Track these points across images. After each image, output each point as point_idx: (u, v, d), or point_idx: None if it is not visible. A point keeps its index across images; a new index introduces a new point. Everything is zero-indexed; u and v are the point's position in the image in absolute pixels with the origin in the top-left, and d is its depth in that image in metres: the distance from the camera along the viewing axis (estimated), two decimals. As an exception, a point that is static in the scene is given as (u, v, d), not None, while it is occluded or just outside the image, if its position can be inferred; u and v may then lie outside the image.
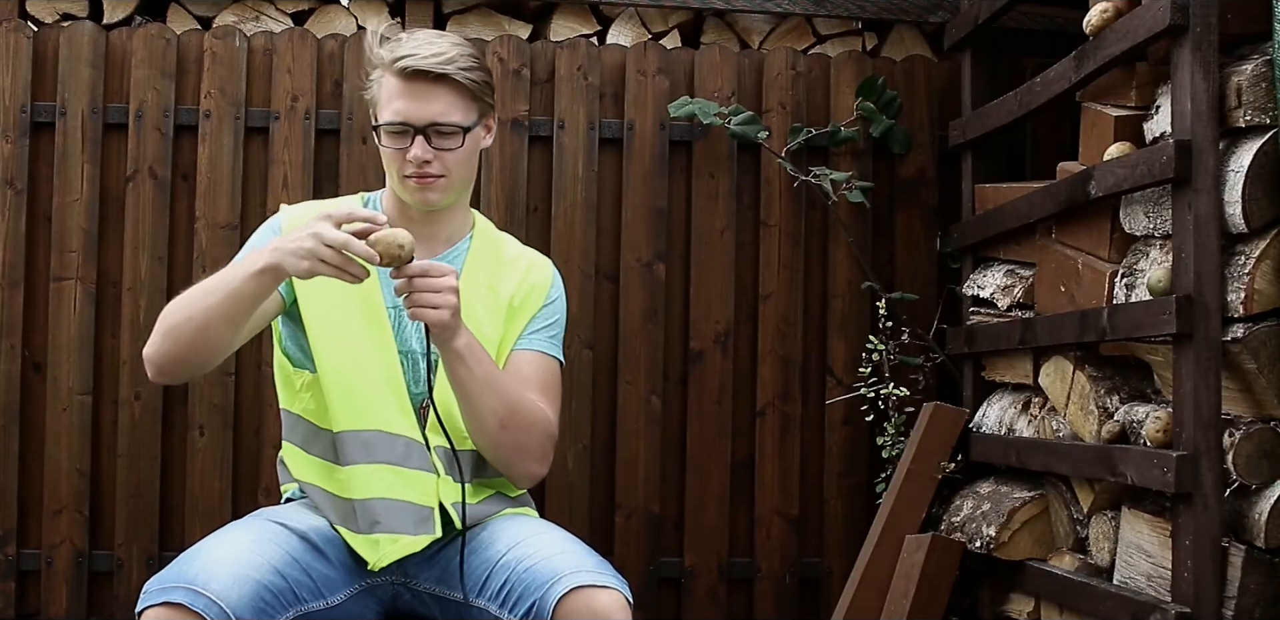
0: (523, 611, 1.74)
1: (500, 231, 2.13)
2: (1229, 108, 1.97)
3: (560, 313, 2.07)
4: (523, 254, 2.09)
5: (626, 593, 1.72)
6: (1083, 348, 2.34)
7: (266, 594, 1.69)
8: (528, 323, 2.01)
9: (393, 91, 1.89)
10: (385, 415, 1.93)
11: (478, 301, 1.97)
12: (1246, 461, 1.93)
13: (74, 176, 2.78)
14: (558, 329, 2.06)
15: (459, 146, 1.89)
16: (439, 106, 1.87)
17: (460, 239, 2.02)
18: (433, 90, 1.87)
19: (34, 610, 2.75)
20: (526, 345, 2.01)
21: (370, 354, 1.93)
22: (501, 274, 2.02)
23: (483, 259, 2.02)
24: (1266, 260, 1.93)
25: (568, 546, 1.81)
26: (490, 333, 1.97)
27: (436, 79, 1.86)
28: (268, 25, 2.97)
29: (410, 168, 1.88)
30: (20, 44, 2.79)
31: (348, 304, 1.94)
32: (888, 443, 2.85)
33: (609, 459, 2.89)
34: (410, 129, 1.87)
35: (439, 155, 1.89)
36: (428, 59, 1.85)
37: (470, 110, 1.90)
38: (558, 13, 3.06)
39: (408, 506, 1.90)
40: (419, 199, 1.93)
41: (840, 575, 2.85)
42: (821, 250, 2.98)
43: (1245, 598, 1.92)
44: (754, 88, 2.98)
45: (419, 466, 1.92)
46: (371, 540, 1.88)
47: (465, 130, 1.89)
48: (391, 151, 1.90)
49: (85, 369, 2.76)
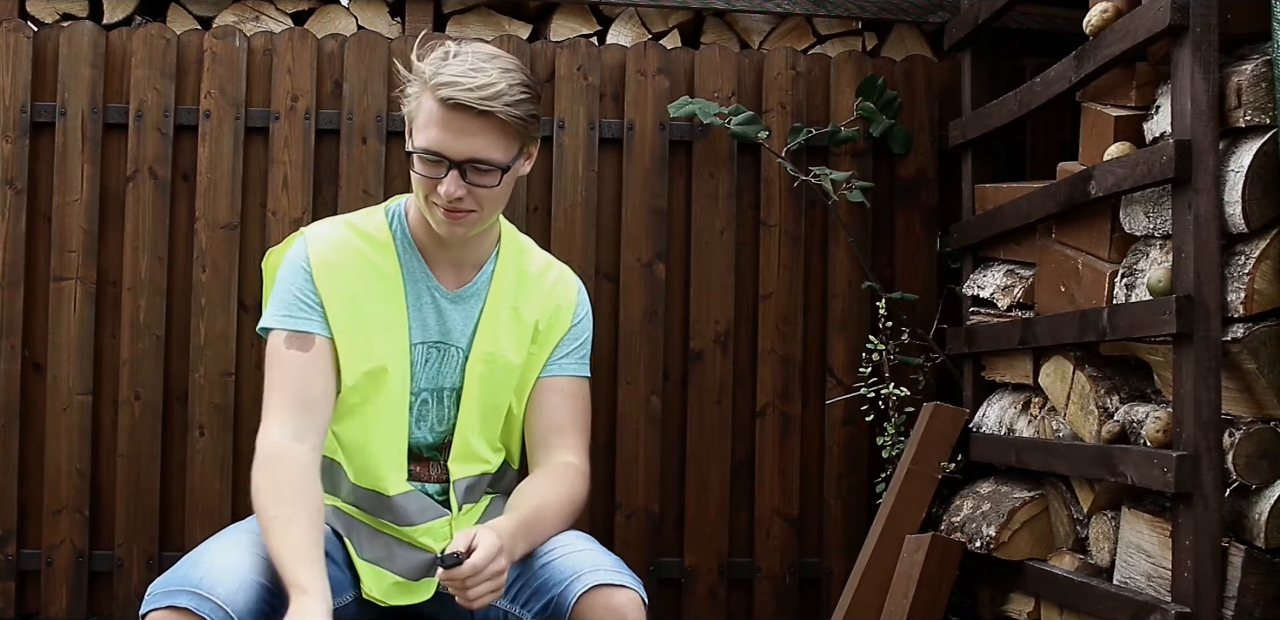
0: (538, 608, 1.74)
1: (522, 236, 2.07)
2: (1229, 108, 1.97)
3: (588, 330, 2.04)
4: (548, 269, 2.03)
5: (642, 593, 1.72)
6: (1083, 348, 2.34)
7: (270, 597, 1.70)
8: (555, 346, 1.99)
9: (431, 117, 1.78)
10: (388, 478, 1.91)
11: (503, 326, 1.95)
12: (1246, 461, 1.93)
13: (74, 176, 2.78)
14: (586, 348, 2.04)
15: (495, 185, 1.82)
16: (479, 143, 1.78)
17: (486, 259, 1.98)
18: (474, 125, 1.77)
19: (34, 610, 2.75)
20: (557, 371, 1.98)
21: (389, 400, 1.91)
22: (526, 295, 1.98)
23: (507, 280, 1.97)
24: (1266, 260, 1.93)
25: (584, 545, 1.82)
26: (514, 358, 1.96)
27: (480, 114, 1.76)
28: (268, 25, 2.97)
29: (440, 198, 1.81)
30: (20, 44, 2.79)
31: (374, 336, 1.90)
32: (888, 443, 2.85)
33: (609, 459, 2.88)
34: (446, 161, 1.79)
35: (473, 191, 1.81)
36: (474, 92, 1.75)
37: (511, 146, 1.82)
38: (558, 13, 3.06)
39: (415, 554, 1.90)
40: (446, 232, 1.87)
41: (840, 575, 2.85)
42: (821, 250, 2.98)
43: (1245, 598, 1.92)
44: (754, 88, 2.98)
45: (431, 518, 1.92)
46: (376, 572, 1.88)
47: (504, 169, 1.81)
48: (422, 179, 1.82)
49: (85, 369, 2.76)
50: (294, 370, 1.83)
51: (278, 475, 1.74)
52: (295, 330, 1.85)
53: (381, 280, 1.91)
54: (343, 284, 1.89)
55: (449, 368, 1.94)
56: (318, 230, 1.95)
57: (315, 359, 1.84)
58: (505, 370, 1.94)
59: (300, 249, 1.92)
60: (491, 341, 1.92)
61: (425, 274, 1.94)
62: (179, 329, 2.81)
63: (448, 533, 1.90)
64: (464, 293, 1.95)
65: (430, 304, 1.94)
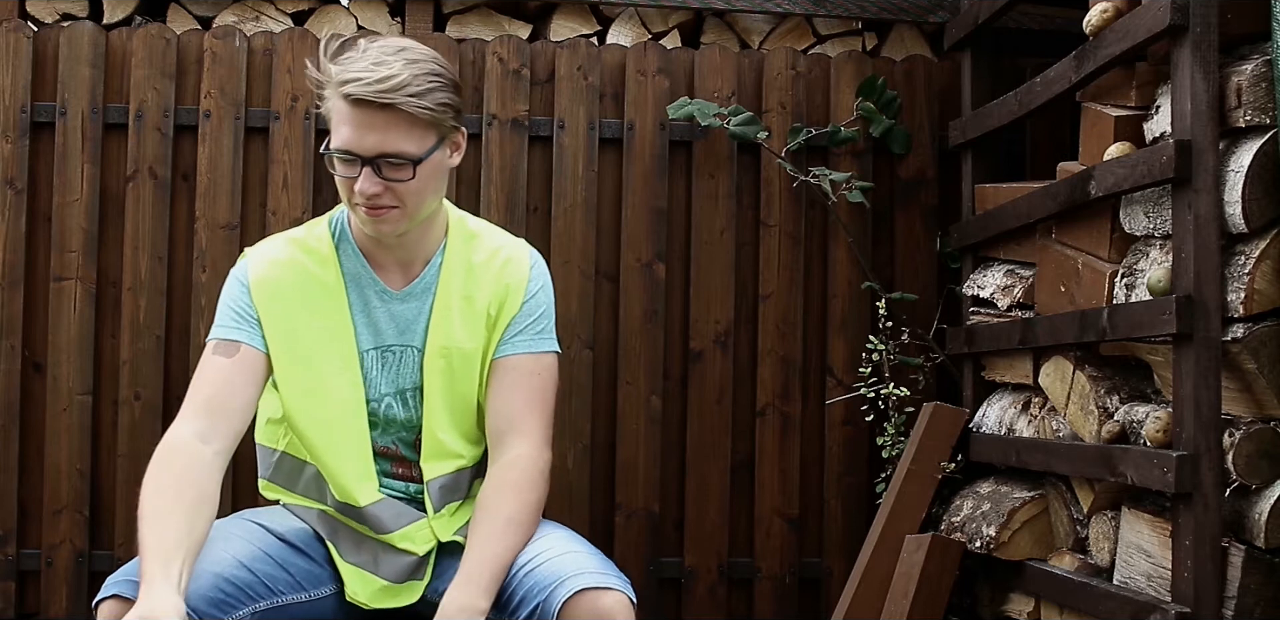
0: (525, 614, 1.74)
1: (476, 222, 2.03)
2: (1229, 108, 1.97)
3: (544, 304, 1.98)
4: (497, 253, 1.98)
5: (630, 593, 1.71)
6: (1083, 348, 2.34)
7: (227, 586, 1.71)
8: (507, 327, 1.94)
9: (341, 116, 1.76)
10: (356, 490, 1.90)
11: (456, 317, 1.92)
12: (1246, 461, 1.93)
13: (74, 176, 2.78)
14: (545, 322, 1.97)
15: (410, 178, 1.78)
16: (387, 137, 1.75)
17: (434, 253, 1.95)
18: (379, 119, 1.74)
19: (34, 610, 2.75)
20: (510, 350, 1.93)
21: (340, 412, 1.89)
22: (477, 282, 1.94)
23: (455, 271, 1.94)
24: (1266, 260, 1.93)
25: (570, 547, 1.80)
26: (470, 346, 1.92)
27: (383, 107, 1.73)
28: (268, 25, 2.97)
29: (360, 198, 1.79)
30: (20, 44, 2.79)
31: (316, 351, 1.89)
32: (888, 443, 2.85)
33: (609, 459, 2.89)
34: (358, 159, 1.76)
35: (390, 186, 1.78)
36: (373, 85, 1.71)
37: (426, 138, 1.78)
38: (558, 13, 3.06)
39: (400, 558, 1.89)
40: (373, 231, 1.84)
41: (840, 575, 2.85)
42: (821, 250, 2.98)
43: (1245, 598, 1.92)
44: (754, 88, 2.98)
45: (407, 523, 1.91)
46: (362, 576, 1.88)
47: (417, 161, 1.78)
48: (342, 180, 1.81)
49: (85, 369, 2.76)
50: (214, 375, 1.83)
51: (169, 469, 1.72)
52: (224, 339, 1.86)
53: (324, 292, 1.90)
54: (280, 302, 1.88)
55: (407, 368, 1.92)
56: (259, 249, 1.96)
57: (238, 366, 1.83)
58: (465, 361, 1.91)
59: (241, 268, 1.93)
60: (445, 335, 1.90)
61: (371, 278, 1.92)
62: (179, 329, 2.81)
63: (428, 535, 1.90)
64: (412, 290, 1.93)
65: (379, 307, 1.92)
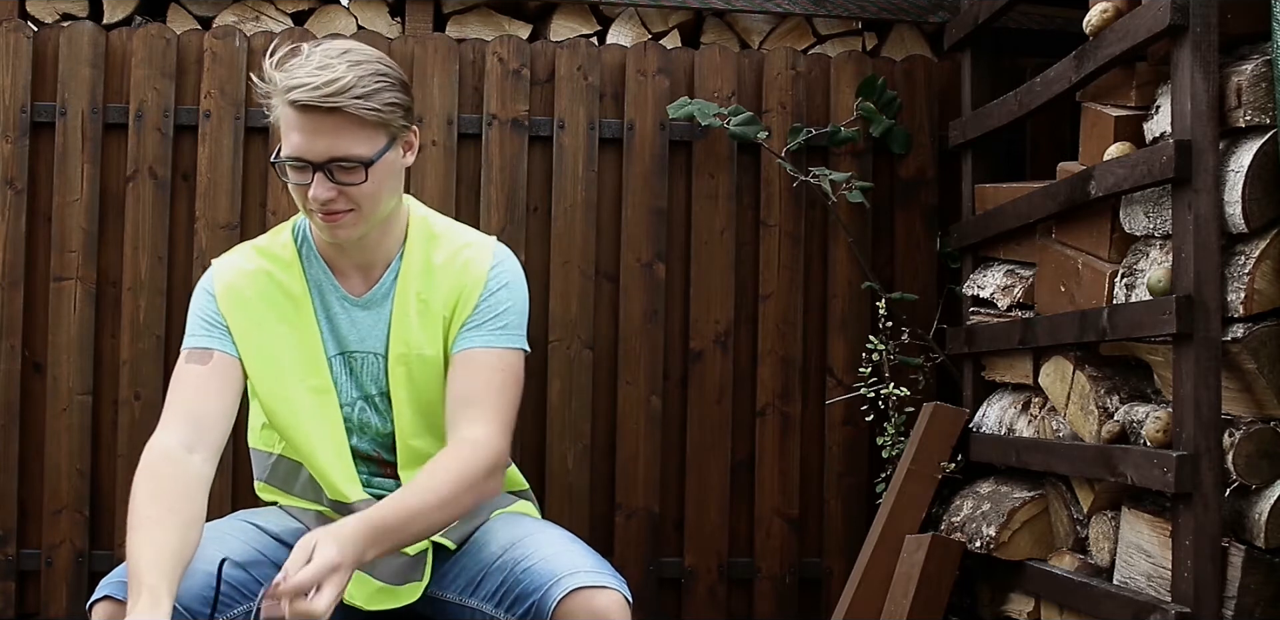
0: (520, 613, 1.74)
1: (443, 222, 2.00)
2: (1229, 108, 1.97)
3: (509, 300, 1.92)
4: (457, 254, 1.94)
5: (625, 592, 1.71)
6: (1083, 348, 2.34)
7: (223, 585, 1.70)
8: (462, 325, 1.90)
9: (289, 123, 1.75)
10: (344, 487, 1.90)
11: (414, 323, 1.90)
12: (1246, 461, 1.93)
13: (74, 176, 2.78)
14: (508, 317, 1.92)
15: (363, 181, 1.77)
16: (336, 141, 1.74)
17: (395, 256, 1.93)
18: (326, 123, 1.73)
19: (34, 610, 2.75)
20: (464, 344, 1.89)
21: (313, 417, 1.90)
22: (433, 284, 1.92)
23: (412, 275, 1.92)
24: (1266, 260, 1.93)
25: (565, 546, 1.80)
26: (430, 353, 1.90)
27: (329, 111, 1.72)
28: (268, 25, 2.97)
29: (315, 204, 1.78)
30: (20, 44, 2.79)
31: (285, 357, 1.89)
32: (888, 443, 2.85)
33: (609, 459, 2.89)
34: (309, 165, 1.75)
35: (343, 190, 1.77)
36: (319, 90, 1.70)
37: (375, 139, 1.77)
38: (558, 13, 3.06)
39: (393, 558, 1.87)
40: (330, 236, 1.83)
41: (840, 575, 2.85)
42: (821, 250, 2.98)
43: (1245, 598, 1.92)
44: (754, 88, 2.98)
45: None
46: (359, 577, 1.87)
47: (369, 163, 1.77)
48: (295, 187, 1.79)
49: (85, 369, 2.76)
50: (190, 384, 1.83)
51: (158, 479, 1.71)
52: (197, 347, 1.86)
53: (289, 299, 1.90)
54: (247, 311, 1.89)
55: (369, 375, 1.92)
56: (223, 260, 1.96)
57: (213, 373, 1.83)
58: (425, 367, 1.90)
59: (208, 279, 1.93)
60: (404, 343, 1.90)
61: (332, 284, 1.92)
62: (179, 329, 2.76)
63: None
64: (372, 297, 1.92)
65: (341, 314, 1.91)
